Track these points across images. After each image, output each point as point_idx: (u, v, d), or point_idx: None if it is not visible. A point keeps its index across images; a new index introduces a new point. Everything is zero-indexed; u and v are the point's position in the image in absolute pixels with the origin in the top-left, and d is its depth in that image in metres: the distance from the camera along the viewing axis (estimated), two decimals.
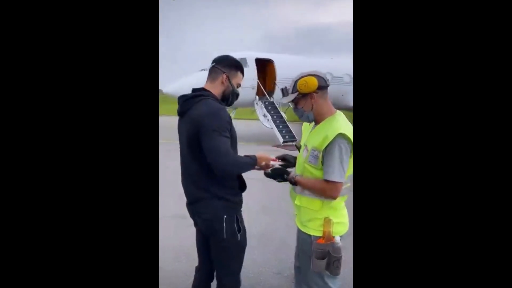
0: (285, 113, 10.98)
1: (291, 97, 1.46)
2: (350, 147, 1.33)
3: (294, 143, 1.55)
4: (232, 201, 1.42)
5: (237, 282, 1.52)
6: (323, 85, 1.45)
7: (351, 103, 13.20)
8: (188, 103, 1.41)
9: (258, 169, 1.45)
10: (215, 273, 1.55)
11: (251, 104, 10.71)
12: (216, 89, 1.45)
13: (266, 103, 10.53)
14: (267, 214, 3.59)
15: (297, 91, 1.42)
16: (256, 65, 10.54)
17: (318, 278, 1.41)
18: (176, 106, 1.50)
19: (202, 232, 1.50)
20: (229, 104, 1.52)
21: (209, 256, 1.52)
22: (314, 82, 1.41)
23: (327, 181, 1.33)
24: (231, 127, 1.39)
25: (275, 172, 1.49)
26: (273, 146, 8.72)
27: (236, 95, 1.53)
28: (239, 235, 1.41)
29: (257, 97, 10.43)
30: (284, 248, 2.64)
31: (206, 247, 1.51)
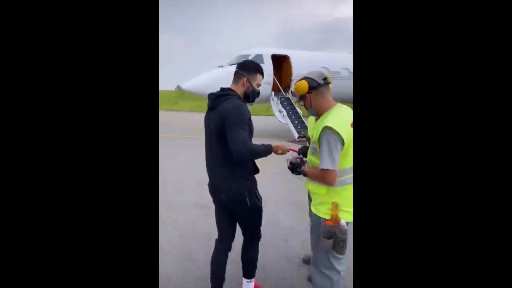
0: (300, 108, 11.01)
1: (296, 98, 1.74)
2: (337, 137, 1.46)
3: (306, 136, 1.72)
4: (250, 180, 1.76)
5: (259, 233, 1.93)
6: (314, 86, 1.64)
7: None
8: (218, 100, 1.72)
9: (278, 153, 1.78)
10: (242, 232, 1.93)
11: (267, 100, 10.79)
12: (239, 90, 1.76)
13: (282, 98, 10.57)
14: (278, 206, 3.75)
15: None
16: (272, 61, 10.61)
17: (325, 258, 1.58)
18: (193, 103, 1.72)
19: (225, 206, 1.82)
20: (251, 101, 1.82)
21: (229, 228, 1.91)
22: (304, 86, 1.63)
23: (322, 169, 1.49)
24: (250, 121, 1.68)
25: (293, 166, 1.74)
26: (288, 141, 8.81)
27: (257, 94, 1.82)
28: (258, 202, 1.78)
29: (273, 93, 10.48)
30: (293, 236, 2.81)
31: (228, 219, 1.89)
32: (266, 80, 10.31)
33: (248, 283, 1.99)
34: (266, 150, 1.69)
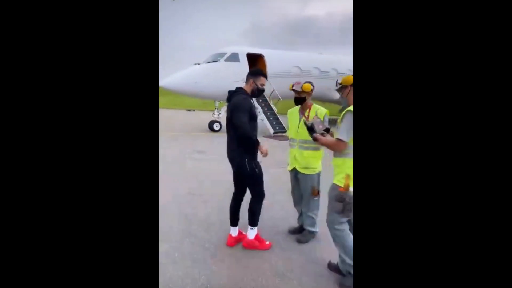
0: (275, 105, 11.53)
1: (338, 86, 2.14)
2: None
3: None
4: (249, 153, 2.44)
5: (261, 192, 2.56)
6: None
7: (336, 96, 13.59)
8: (232, 95, 2.50)
9: (260, 150, 2.39)
10: (249, 190, 2.59)
11: None
12: (248, 88, 2.54)
13: None
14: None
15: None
16: (248, 59, 11.03)
17: (336, 219, 2.05)
18: (171, 99, 2.12)
19: (236, 171, 2.56)
20: (257, 96, 2.60)
21: (240, 186, 2.63)
22: (351, 79, 1.92)
23: (337, 139, 1.94)
24: (250, 110, 2.40)
25: (311, 126, 2.15)
26: (264, 136, 9.25)
27: (261, 90, 2.56)
28: (256, 170, 2.46)
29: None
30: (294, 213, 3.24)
31: (239, 180, 2.62)
32: (242, 78, 10.71)
33: (252, 230, 2.60)
34: (252, 139, 2.35)
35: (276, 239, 2.77)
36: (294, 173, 2.74)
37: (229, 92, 2.56)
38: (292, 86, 2.61)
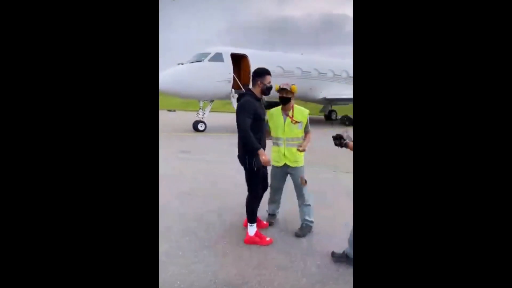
0: None
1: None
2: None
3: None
4: (249, 151, 2.56)
5: (256, 191, 2.69)
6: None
7: (318, 96, 13.93)
8: (240, 97, 2.67)
9: (260, 158, 2.53)
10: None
11: (227, 97, 11.21)
12: (257, 90, 2.67)
13: None
14: None
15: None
16: (232, 60, 11.05)
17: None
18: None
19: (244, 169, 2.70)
20: (268, 94, 2.69)
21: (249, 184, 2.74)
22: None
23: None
24: (255, 111, 2.53)
25: (337, 141, 2.34)
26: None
27: (270, 88, 2.68)
28: (254, 167, 2.57)
29: (233, 90, 10.92)
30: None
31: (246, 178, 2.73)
32: (227, 78, 10.74)
33: (251, 226, 2.70)
34: (254, 146, 2.49)
35: (274, 235, 2.85)
36: (284, 169, 2.88)
37: (239, 94, 2.81)
38: (280, 86, 2.74)
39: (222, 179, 4.65)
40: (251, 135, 2.47)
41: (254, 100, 2.59)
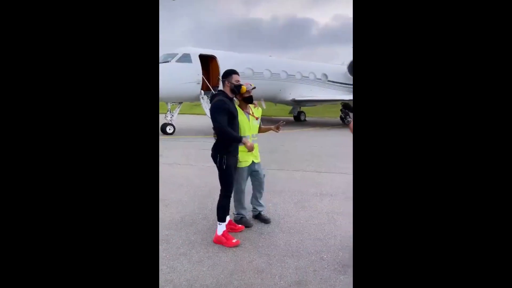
0: None
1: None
2: None
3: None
4: (223, 150, 2.62)
5: (226, 190, 2.70)
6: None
7: (287, 98, 14.17)
8: (213, 96, 2.74)
9: (245, 146, 2.63)
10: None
11: (196, 99, 11.00)
12: (226, 89, 2.73)
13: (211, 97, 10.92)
14: None
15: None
16: (200, 61, 10.86)
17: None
18: None
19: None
20: (238, 92, 2.74)
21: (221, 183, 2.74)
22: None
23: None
24: (229, 109, 2.59)
25: (343, 114, 2.34)
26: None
27: (238, 87, 2.72)
28: (224, 165, 2.60)
29: (202, 91, 10.75)
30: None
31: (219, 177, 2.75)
32: (195, 79, 10.52)
33: (220, 225, 2.68)
34: (235, 138, 2.60)
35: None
36: (250, 167, 2.98)
37: (212, 94, 2.87)
38: (246, 88, 2.84)
39: (194, 183, 4.52)
40: (230, 130, 2.56)
41: (227, 99, 2.66)
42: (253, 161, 2.99)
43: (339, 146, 8.00)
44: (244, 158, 2.92)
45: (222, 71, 11.66)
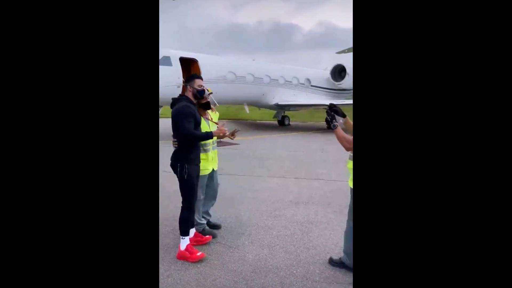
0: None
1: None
2: None
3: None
4: (185, 158, 2.46)
5: (187, 201, 2.54)
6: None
7: (271, 102, 14.11)
8: (175, 101, 2.54)
9: (220, 136, 2.62)
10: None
11: None
12: (189, 94, 2.58)
13: None
14: None
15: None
16: (181, 64, 10.63)
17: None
18: None
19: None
20: (200, 97, 2.59)
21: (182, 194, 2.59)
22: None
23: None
24: (194, 115, 2.45)
25: (330, 117, 2.12)
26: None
27: (201, 91, 2.59)
28: (185, 175, 2.44)
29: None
30: None
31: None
32: (176, 83, 10.27)
33: (183, 239, 2.52)
34: (207, 135, 2.51)
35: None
36: (209, 174, 2.87)
37: (172, 99, 2.59)
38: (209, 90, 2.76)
39: (166, 192, 4.30)
40: (197, 132, 2.48)
41: (191, 105, 2.52)
42: (212, 169, 2.89)
43: (321, 151, 7.94)
44: (205, 166, 2.79)
45: (204, 74, 11.57)
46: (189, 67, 11.51)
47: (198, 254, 2.46)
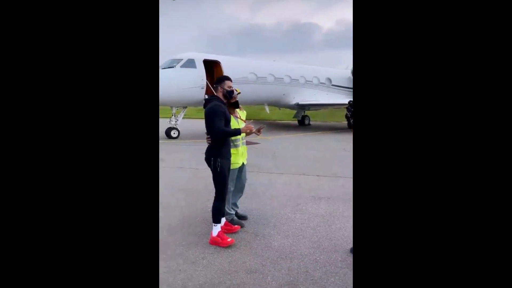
0: None
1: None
2: None
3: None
4: (218, 152, 2.73)
5: (220, 192, 2.79)
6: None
7: (291, 102, 14.16)
8: (207, 101, 2.81)
9: (247, 133, 2.93)
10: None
11: (200, 103, 11.13)
12: (220, 95, 2.85)
13: None
14: None
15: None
16: (204, 66, 11.02)
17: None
18: None
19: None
20: (230, 97, 2.88)
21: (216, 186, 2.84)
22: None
23: None
24: (225, 113, 2.72)
25: (350, 113, 2.58)
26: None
27: (231, 92, 2.86)
28: (218, 168, 2.71)
29: (206, 96, 10.92)
30: None
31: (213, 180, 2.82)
32: (200, 84, 10.68)
33: (215, 227, 2.78)
34: (235, 131, 2.75)
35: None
36: (239, 168, 3.11)
37: (205, 99, 2.89)
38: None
39: (195, 187, 4.61)
40: (226, 129, 2.70)
41: (222, 104, 2.76)
42: (242, 163, 3.12)
43: (341, 150, 8.01)
44: (235, 160, 3.03)
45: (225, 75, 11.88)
46: (212, 69, 11.87)
47: (229, 240, 2.71)
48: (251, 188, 4.13)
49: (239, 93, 3.00)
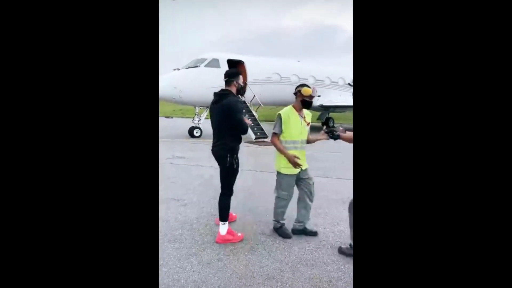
0: (256, 111, 11.57)
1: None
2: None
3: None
4: (233, 149, 2.61)
5: (230, 189, 2.70)
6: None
7: (315, 103, 13.84)
8: (220, 97, 2.61)
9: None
10: (221, 185, 2.74)
11: None
12: (233, 89, 2.69)
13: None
14: None
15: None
16: (228, 66, 11.02)
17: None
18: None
19: (219, 166, 2.70)
20: (243, 93, 2.76)
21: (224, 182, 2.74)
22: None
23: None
24: (243, 110, 2.65)
25: (330, 131, 2.58)
26: (245, 142, 9.23)
27: (243, 87, 2.77)
28: (234, 165, 2.61)
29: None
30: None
31: (222, 176, 2.71)
32: (223, 84, 10.69)
33: (223, 225, 2.68)
34: (247, 128, 2.67)
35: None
36: (297, 175, 2.75)
37: (215, 94, 2.66)
38: (311, 91, 2.69)
39: (214, 184, 4.51)
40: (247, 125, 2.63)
41: (239, 99, 2.71)
42: (301, 168, 2.73)
43: None
44: (290, 165, 2.69)
45: (249, 76, 11.86)
46: (236, 68, 11.86)
47: (239, 234, 2.70)
48: (271, 189, 3.96)
49: (319, 96, 2.86)
